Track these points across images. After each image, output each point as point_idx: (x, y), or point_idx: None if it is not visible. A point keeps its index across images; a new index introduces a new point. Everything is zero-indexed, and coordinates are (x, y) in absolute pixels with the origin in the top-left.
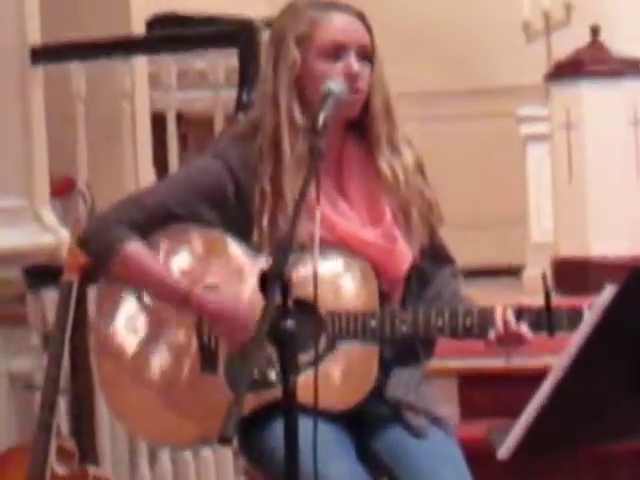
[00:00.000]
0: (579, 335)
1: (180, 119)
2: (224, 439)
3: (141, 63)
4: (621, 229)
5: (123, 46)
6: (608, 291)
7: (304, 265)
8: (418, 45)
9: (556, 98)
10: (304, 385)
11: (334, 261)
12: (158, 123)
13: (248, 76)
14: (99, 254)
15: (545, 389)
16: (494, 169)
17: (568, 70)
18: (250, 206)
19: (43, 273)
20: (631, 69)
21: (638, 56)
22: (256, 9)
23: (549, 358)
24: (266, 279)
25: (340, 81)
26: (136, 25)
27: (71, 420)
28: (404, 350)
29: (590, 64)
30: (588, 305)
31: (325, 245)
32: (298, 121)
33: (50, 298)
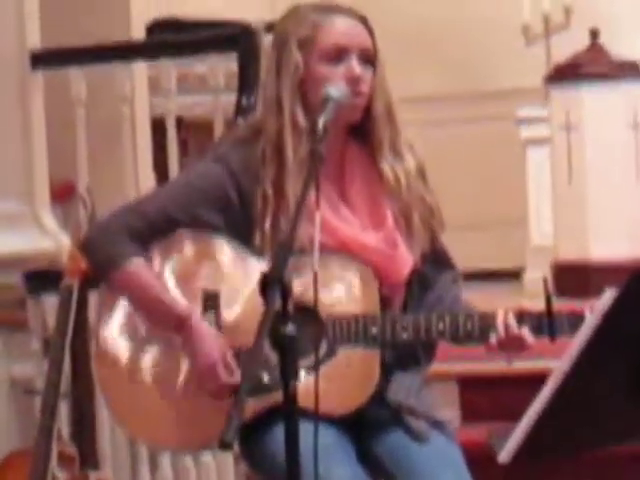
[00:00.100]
0: (580, 338)
1: (180, 124)
2: (225, 444)
3: (141, 68)
4: (621, 231)
5: (123, 51)
6: (608, 294)
7: (307, 270)
8: (417, 49)
9: (556, 101)
10: (305, 389)
11: (335, 266)
12: (158, 128)
13: (248, 80)
14: (100, 265)
15: (546, 393)
16: (494, 172)
17: (568, 73)
18: (252, 210)
19: (43, 278)
20: (630, 72)
21: (637, 59)
22: (256, 13)
23: (550, 361)
24: (266, 283)
25: (340, 85)
26: (136, 30)
27: (72, 425)
28: (405, 354)
29: (589, 67)
30: (589, 309)
31: (326, 250)
32: (301, 124)
33: (50, 303)
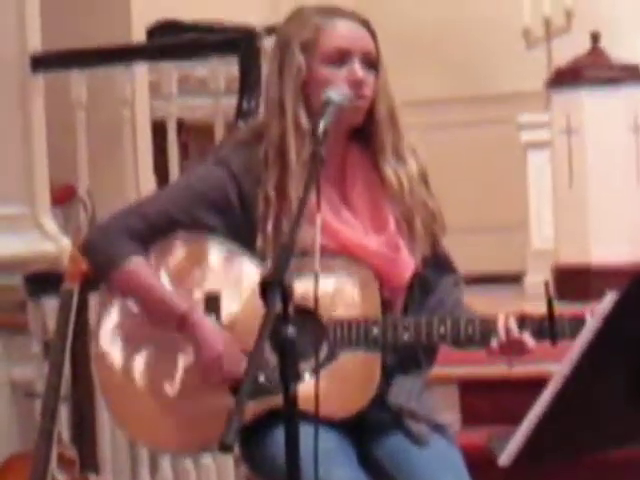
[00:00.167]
0: (580, 342)
1: (180, 127)
2: (225, 447)
3: (142, 71)
4: (622, 235)
5: (124, 54)
6: (609, 298)
7: (309, 273)
8: (418, 52)
9: (556, 104)
10: (306, 392)
11: (337, 269)
12: (159, 131)
13: (249, 84)
14: (101, 266)
15: (546, 396)
16: (495, 175)
17: (568, 77)
18: (253, 212)
19: (44, 281)
20: (631, 75)
21: (638, 62)
22: (257, 16)
23: (550, 365)
24: (266, 286)
25: (341, 89)
26: (137, 33)
27: (72, 428)
28: (406, 358)
29: (590, 71)
30: (590, 312)
31: (328, 252)
32: (304, 127)
33: (51, 306)
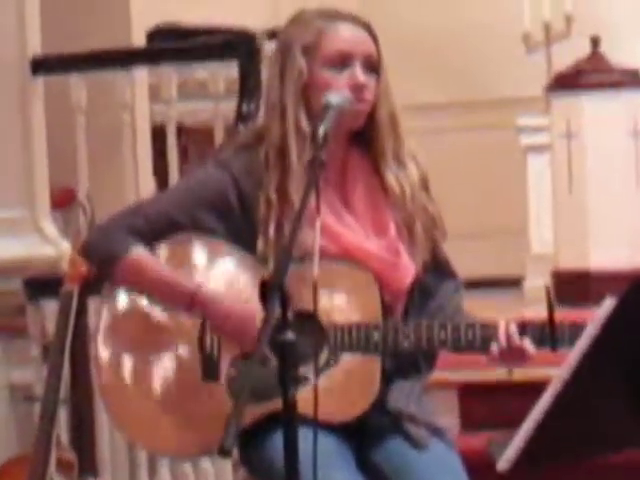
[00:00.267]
0: (579, 347)
1: (180, 130)
2: (224, 451)
3: (141, 74)
4: (621, 239)
5: (123, 57)
6: (608, 303)
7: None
8: (418, 57)
9: (556, 109)
10: (306, 396)
11: (338, 272)
12: (158, 135)
13: (248, 87)
14: (103, 261)
15: (545, 401)
16: (494, 180)
17: (568, 81)
18: (254, 215)
19: (43, 285)
20: (631, 80)
21: (638, 67)
22: (257, 20)
23: (549, 370)
24: (266, 289)
25: (341, 93)
26: (136, 37)
27: (71, 431)
28: (406, 362)
29: (590, 75)
30: (592, 320)
31: (329, 256)
32: (305, 130)
33: (50, 309)
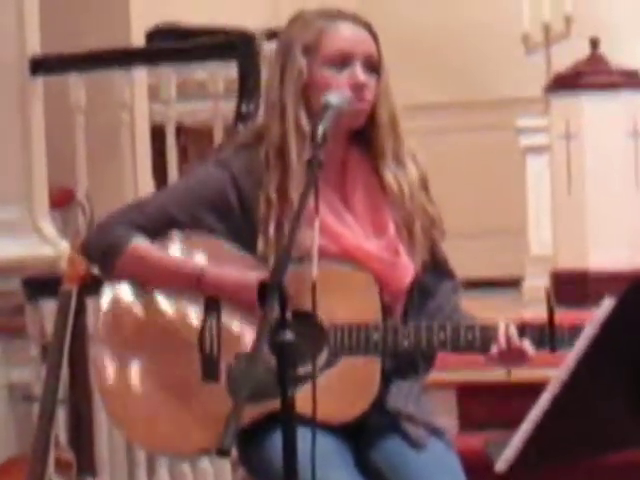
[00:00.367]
0: (578, 347)
1: (179, 130)
2: (222, 451)
3: (140, 74)
4: (620, 240)
5: (123, 57)
6: (607, 303)
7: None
8: (417, 57)
9: (556, 110)
10: (305, 396)
11: (338, 272)
12: (157, 134)
13: (248, 87)
14: (105, 255)
15: (543, 401)
16: (493, 181)
17: (568, 82)
18: (254, 214)
19: (42, 284)
20: (630, 81)
21: (637, 68)
22: (256, 20)
23: (548, 370)
24: (264, 289)
25: (342, 92)
26: (136, 36)
27: (69, 431)
28: (404, 362)
29: (590, 76)
30: (590, 320)
31: (329, 256)
32: (305, 129)
33: (49, 309)
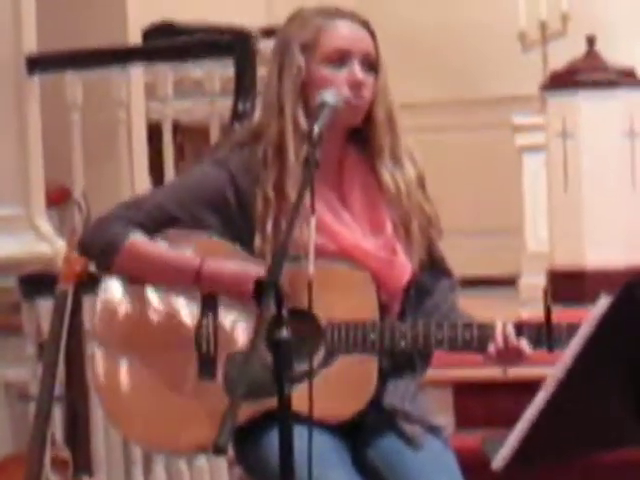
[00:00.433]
0: (574, 346)
1: (176, 128)
2: (218, 449)
3: (137, 73)
4: (616, 239)
5: (119, 55)
6: (603, 301)
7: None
8: (414, 55)
9: (552, 108)
10: (302, 395)
11: (335, 271)
12: (154, 132)
13: (244, 85)
14: (103, 252)
15: (540, 399)
16: (490, 179)
17: (564, 80)
18: (251, 212)
19: (39, 282)
20: (627, 79)
21: (634, 66)
22: (252, 18)
23: (544, 369)
24: (261, 287)
25: (338, 90)
26: (132, 35)
27: (66, 429)
28: (401, 361)
29: (586, 74)
30: (586, 319)
31: (327, 255)
32: (303, 127)
33: (45, 307)
